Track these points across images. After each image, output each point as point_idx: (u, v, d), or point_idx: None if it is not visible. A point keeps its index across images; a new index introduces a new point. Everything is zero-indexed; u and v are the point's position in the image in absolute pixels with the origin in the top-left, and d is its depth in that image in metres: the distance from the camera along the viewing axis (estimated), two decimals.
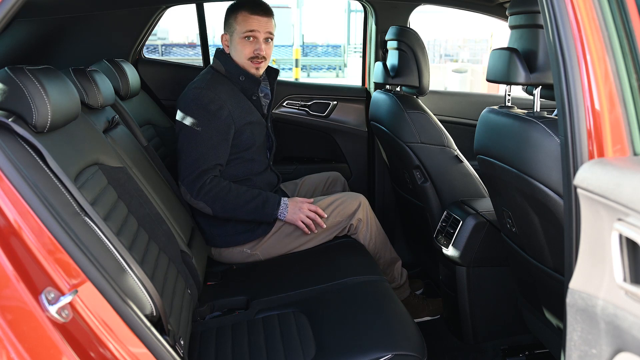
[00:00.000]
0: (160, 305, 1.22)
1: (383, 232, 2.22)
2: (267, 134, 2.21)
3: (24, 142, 1.11)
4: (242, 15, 2.06)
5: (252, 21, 2.05)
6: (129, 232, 1.40)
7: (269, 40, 2.10)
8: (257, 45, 2.07)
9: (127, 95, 2.20)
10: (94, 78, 1.74)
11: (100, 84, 1.78)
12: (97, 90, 1.73)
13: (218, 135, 1.98)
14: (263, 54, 2.08)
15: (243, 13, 2.06)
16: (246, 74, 2.09)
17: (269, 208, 2.03)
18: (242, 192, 2.01)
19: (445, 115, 2.86)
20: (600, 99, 1.01)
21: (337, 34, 28.62)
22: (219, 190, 1.97)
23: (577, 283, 0.97)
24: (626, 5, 1.03)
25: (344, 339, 1.45)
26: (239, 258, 2.09)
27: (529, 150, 1.32)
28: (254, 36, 2.06)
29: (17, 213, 0.97)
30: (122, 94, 2.17)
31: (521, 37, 1.43)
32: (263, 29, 2.07)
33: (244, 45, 2.07)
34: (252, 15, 2.05)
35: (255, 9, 2.06)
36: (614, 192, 0.87)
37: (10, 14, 1.04)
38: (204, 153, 1.96)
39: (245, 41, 2.06)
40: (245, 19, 2.05)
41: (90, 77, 1.72)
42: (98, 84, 1.75)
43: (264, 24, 2.07)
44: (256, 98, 2.13)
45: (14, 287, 0.92)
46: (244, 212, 2.01)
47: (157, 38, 18.91)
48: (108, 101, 1.84)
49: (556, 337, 1.55)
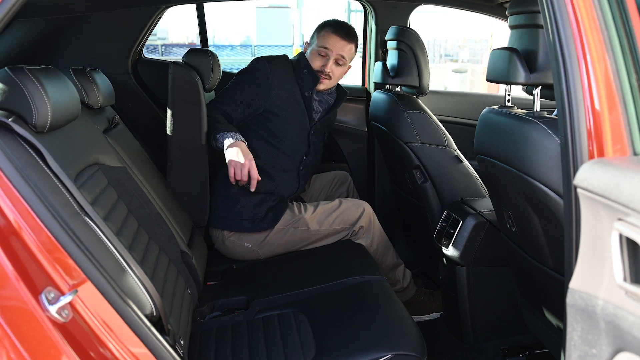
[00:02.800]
0: (160, 305, 1.22)
1: (386, 238, 2.23)
2: (308, 139, 2.21)
3: (24, 142, 1.11)
4: (325, 31, 2.18)
5: (330, 39, 2.16)
6: (129, 232, 1.40)
7: (339, 63, 2.19)
8: (325, 62, 2.16)
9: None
10: (94, 78, 1.74)
11: (100, 84, 1.78)
12: (97, 90, 1.73)
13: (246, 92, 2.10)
14: (328, 71, 2.17)
15: (326, 30, 2.18)
16: (310, 70, 2.16)
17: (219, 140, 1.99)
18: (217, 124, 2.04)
19: (445, 115, 2.86)
20: (600, 99, 1.01)
21: None
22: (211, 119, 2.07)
23: (577, 283, 0.97)
24: (626, 5, 1.03)
25: (344, 339, 1.45)
26: (240, 252, 2.10)
27: (529, 150, 1.32)
28: (326, 53, 2.16)
29: (17, 213, 0.97)
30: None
31: (521, 37, 1.43)
32: (337, 49, 2.17)
33: (314, 58, 2.18)
34: (333, 34, 2.16)
35: (338, 30, 2.17)
36: (614, 192, 0.87)
37: (10, 14, 1.04)
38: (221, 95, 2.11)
39: (317, 55, 2.17)
40: (325, 35, 2.17)
41: (90, 77, 1.72)
42: (98, 84, 1.75)
43: (340, 46, 2.17)
44: (309, 95, 2.17)
45: (14, 287, 0.92)
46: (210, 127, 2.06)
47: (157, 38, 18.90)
48: (108, 101, 1.84)
49: (556, 337, 1.55)
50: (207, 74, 2.12)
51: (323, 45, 2.16)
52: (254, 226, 2.08)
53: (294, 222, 2.10)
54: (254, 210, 2.08)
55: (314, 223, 2.11)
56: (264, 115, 2.12)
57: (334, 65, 2.17)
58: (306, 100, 2.16)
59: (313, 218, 2.11)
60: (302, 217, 2.10)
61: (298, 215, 2.11)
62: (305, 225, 2.10)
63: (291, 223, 2.10)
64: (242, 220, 2.08)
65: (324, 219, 2.11)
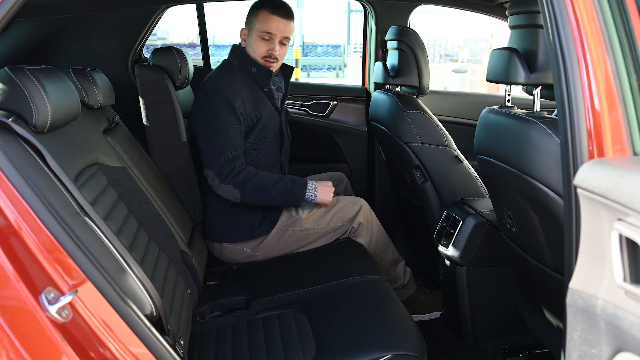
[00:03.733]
0: (160, 305, 1.22)
1: (385, 234, 2.23)
2: (280, 128, 2.21)
3: (24, 142, 1.11)
4: (263, 13, 2.09)
5: (272, 22, 2.09)
6: (129, 232, 1.39)
7: (284, 43, 2.14)
8: (271, 46, 2.10)
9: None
10: (94, 78, 1.74)
11: (100, 84, 1.78)
12: (97, 90, 1.73)
13: (236, 122, 2.01)
14: (276, 54, 2.11)
15: (264, 12, 2.09)
16: (258, 66, 2.12)
17: (297, 187, 2.05)
18: (267, 174, 2.03)
19: (445, 115, 2.86)
20: (600, 99, 1.01)
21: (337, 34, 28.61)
22: (247, 173, 1.98)
23: (577, 283, 0.97)
24: (626, 5, 1.02)
25: (344, 339, 1.45)
26: (239, 257, 2.10)
27: (529, 150, 1.32)
28: (270, 37, 2.10)
29: (17, 213, 0.97)
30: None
31: (521, 37, 1.43)
32: (280, 32, 2.10)
33: (259, 44, 2.10)
34: (273, 15, 2.09)
35: (277, 10, 2.09)
36: (614, 192, 0.87)
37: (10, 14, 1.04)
38: (227, 139, 1.98)
39: (261, 40, 2.10)
40: (265, 18, 2.09)
41: (90, 77, 1.72)
42: (98, 84, 1.75)
43: (283, 27, 2.10)
44: (268, 90, 2.16)
45: (14, 287, 0.92)
46: (274, 194, 2.01)
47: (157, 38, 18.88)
48: (108, 101, 1.84)
49: (556, 337, 1.55)
50: (176, 71, 2.11)
51: (265, 30, 2.08)
52: (253, 233, 2.08)
53: (291, 222, 2.10)
54: (251, 217, 2.08)
55: (311, 222, 2.11)
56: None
57: (279, 47, 2.12)
58: (268, 95, 2.16)
59: (310, 217, 2.11)
60: (299, 217, 2.10)
61: (295, 216, 2.11)
62: (302, 225, 2.10)
63: (289, 224, 2.10)
64: (240, 229, 2.07)
65: (321, 218, 2.11)
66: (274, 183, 2.01)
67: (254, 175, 1.99)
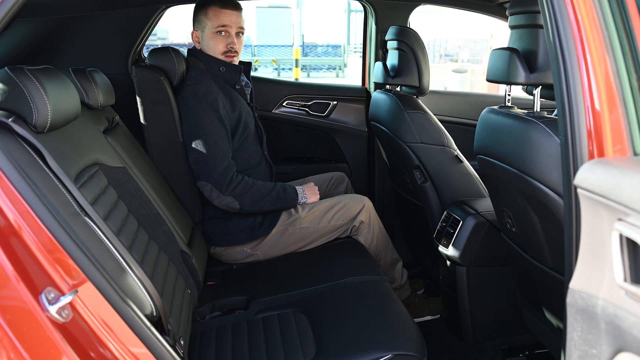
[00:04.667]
0: (160, 305, 1.22)
1: (385, 233, 2.23)
2: (256, 124, 2.23)
3: (24, 142, 1.11)
4: (213, 10, 2.08)
5: (224, 16, 2.07)
6: (129, 232, 1.39)
7: (240, 35, 2.13)
8: (229, 40, 2.10)
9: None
10: (94, 78, 1.74)
11: (100, 84, 1.78)
12: (97, 90, 1.73)
13: (223, 128, 2.00)
14: (236, 47, 2.11)
15: (213, 8, 2.08)
16: (226, 64, 2.11)
17: (289, 193, 2.09)
18: (261, 183, 2.06)
19: (445, 115, 2.86)
20: (600, 99, 1.01)
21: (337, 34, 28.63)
22: (244, 184, 2.00)
23: (577, 283, 0.97)
24: (626, 5, 1.02)
25: (344, 339, 1.45)
26: (239, 257, 2.10)
27: (529, 150, 1.32)
28: (226, 31, 2.08)
29: (17, 213, 0.97)
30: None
31: (521, 37, 1.43)
32: (234, 24, 2.09)
33: (216, 41, 2.09)
34: (223, 9, 2.07)
35: (226, 4, 2.08)
36: (614, 192, 0.87)
37: (10, 14, 1.04)
38: (217, 148, 1.98)
39: (218, 36, 2.09)
40: (216, 14, 2.07)
41: (90, 77, 1.72)
42: (98, 84, 1.75)
43: (235, 19, 2.09)
44: (240, 87, 2.16)
45: (14, 287, 0.92)
46: (269, 201, 2.04)
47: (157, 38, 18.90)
48: (108, 101, 1.84)
49: (556, 337, 1.55)
50: (173, 70, 2.10)
51: (220, 24, 2.07)
52: (254, 234, 2.08)
53: (292, 221, 2.10)
54: (251, 219, 2.08)
55: (312, 221, 2.10)
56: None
57: (237, 40, 2.11)
58: (240, 92, 2.16)
59: (310, 215, 2.11)
60: (299, 216, 2.10)
61: (295, 214, 2.11)
62: (302, 224, 2.10)
63: (289, 222, 2.10)
64: (241, 232, 2.07)
65: (322, 216, 2.11)
66: (268, 192, 2.05)
67: (251, 185, 2.01)
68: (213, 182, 1.97)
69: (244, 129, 2.09)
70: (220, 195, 1.97)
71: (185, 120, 2.01)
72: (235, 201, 1.99)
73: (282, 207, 2.09)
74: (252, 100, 2.27)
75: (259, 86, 2.94)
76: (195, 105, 1.99)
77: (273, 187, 2.07)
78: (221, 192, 1.97)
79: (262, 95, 2.86)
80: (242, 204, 2.00)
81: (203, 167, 1.97)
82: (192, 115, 1.99)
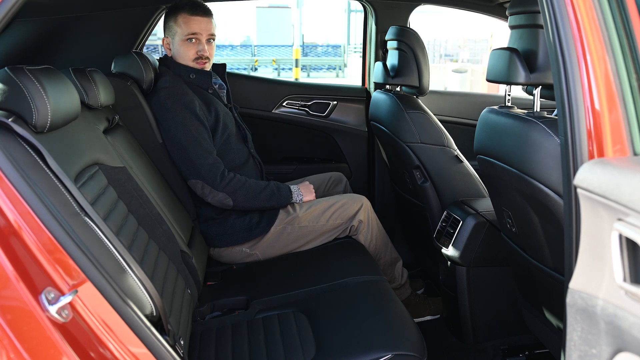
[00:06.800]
0: (160, 305, 1.22)
1: (384, 233, 2.23)
2: (237, 124, 2.23)
3: (24, 142, 1.11)
4: (183, 17, 2.08)
5: (193, 23, 2.07)
6: (129, 232, 1.40)
7: (211, 41, 2.14)
8: (200, 47, 2.10)
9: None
10: (94, 78, 1.74)
11: (100, 84, 1.78)
12: (97, 90, 1.73)
13: (202, 125, 2.01)
14: (206, 54, 2.11)
15: (183, 15, 2.08)
16: (195, 71, 2.11)
17: (283, 191, 2.09)
18: (254, 181, 2.06)
19: (445, 115, 2.86)
20: (600, 99, 1.01)
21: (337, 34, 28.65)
22: (237, 180, 2.01)
23: (577, 283, 0.97)
24: (626, 5, 1.02)
25: (344, 339, 1.45)
26: (238, 257, 2.10)
27: (529, 150, 1.32)
28: (197, 38, 2.09)
29: (17, 213, 0.97)
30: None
31: (521, 37, 1.43)
32: (205, 30, 2.10)
33: (187, 48, 2.10)
34: (193, 16, 2.07)
35: (196, 10, 2.08)
36: (614, 192, 0.87)
37: (10, 14, 1.04)
38: (200, 145, 1.98)
39: (188, 43, 2.09)
40: (186, 21, 2.07)
41: (90, 77, 1.72)
42: (98, 84, 1.75)
43: (205, 26, 2.09)
44: (212, 91, 2.16)
45: (14, 287, 0.92)
46: (263, 198, 2.04)
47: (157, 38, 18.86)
48: (108, 101, 1.84)
49: (556, 337, 1.55)
50: (140, 75, 2.08)
51: (191, 32, 2.07)
52: (251, 234, 2.08)
53: (290, 220, 2.10)
54: (247, 218, 2.08)
55: (311, 219, 2.11)
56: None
57: (207, 46, 2.11)
58: (215, 95, 2.16)
59: (308, 214, 2.11)
60: (297, 214, 2.10)
61: (293, 213, 2.11)
62: (300, 223, 2.10)
63: (287, 221, 2.10)
64: (238, 233, 2.08)
65: (320, 216, 2.11)
66: (262, 189, 2.05)
67: (243, 182, 2.02)
68: (203, 179, 1.97)
69: (223, 129, 2.09)
70: (213, 191, 1.98)
71: (165, 122, 2.01)
72: (228, 197, 1.99)
73: (276, 205, 2.09)
74: (229, 100, 2.27)
75: (259, 86, 2.94)
76: (172, 105, 1.99)
77: (267, 185, 2.08)
78: (214, 188, 1.98)
79: (262, 95, 2.87)
80: (236, 201, 2.00)
81: (189, 166, 1.98)
82: (172, 117, 1.99)
